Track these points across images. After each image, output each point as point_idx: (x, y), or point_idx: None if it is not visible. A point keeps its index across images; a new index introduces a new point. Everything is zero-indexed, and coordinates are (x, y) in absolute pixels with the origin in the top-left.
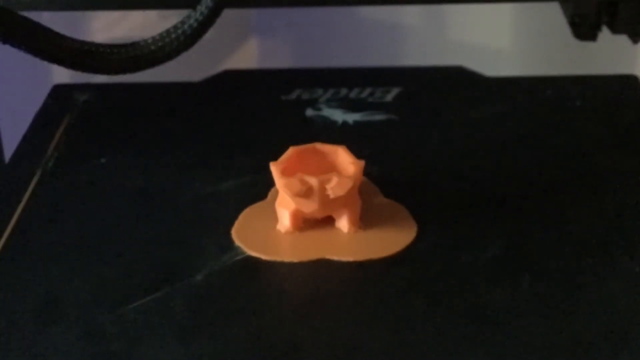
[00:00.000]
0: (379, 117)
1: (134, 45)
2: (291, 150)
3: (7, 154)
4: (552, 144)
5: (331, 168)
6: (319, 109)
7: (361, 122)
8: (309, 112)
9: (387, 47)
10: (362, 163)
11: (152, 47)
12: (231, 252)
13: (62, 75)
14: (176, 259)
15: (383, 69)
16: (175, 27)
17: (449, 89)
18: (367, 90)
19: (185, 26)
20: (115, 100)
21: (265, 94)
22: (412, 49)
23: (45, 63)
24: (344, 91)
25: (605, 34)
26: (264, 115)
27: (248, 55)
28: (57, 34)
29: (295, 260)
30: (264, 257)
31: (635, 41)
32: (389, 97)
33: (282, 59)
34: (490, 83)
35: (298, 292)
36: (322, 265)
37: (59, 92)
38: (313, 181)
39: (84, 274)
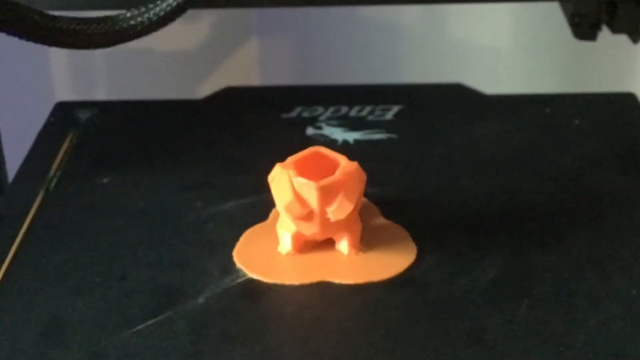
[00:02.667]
0: (379, 135)
1: (112, 19)
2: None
3: (11, 172)
4: (551, 163)
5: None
6: (320, 128)
7: (361, 140)
8: (310, 130)
9: (387, 61)
10: (364, 176)
11: (131, 22)
12: (233, 275)
13: (64, 92)
14: (179, 281)
15: (383, 86)
16: (154, 2)
17: (448, 108)
18: (367, 108)
19: (164, 4)
20: (118, 117)
21: (266, 112)
22: (411, 64)
23: (48, 80)
24: (344, 109)
25: (604, 48)
26: (265, 134)
27: (249, 70)
28: (34, 11)
29: (296, 283)
30: (265, 279)
31: (635, 41)
32: (389, 115)
33: (282, 74)
34: (488, 101)
35: (299, 315)
36: (323, 288)
37: (62, 110)
38: (314, 205)
39: (87, 297)
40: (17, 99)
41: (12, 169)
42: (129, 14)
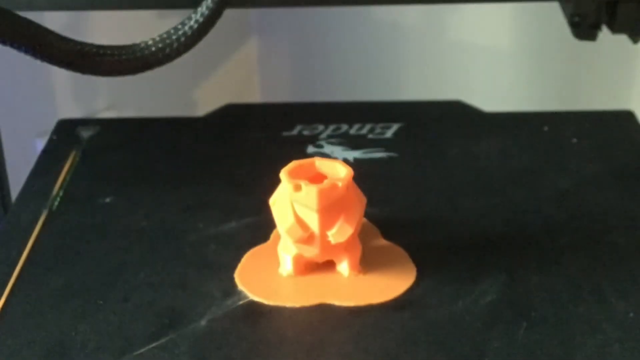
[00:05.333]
0: (379, 154)
1: (133, 47)
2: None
3: (14, 189)
4: (550, 183)
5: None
6: (320, 146)
7: (361, 159)
8: (310, 149)
9: (387, 77)
10: (364, 199)
11: (153, 49)
12: (234, 297)
13: (67, 108)
14: (181, 303)
15: (383, 103)
16: (175, 29)
17: (447, 126)
18: (368, 126)
19: (186, 27)
20: (120, 135)
21: (266, 130)
22: (411, 80)
23: (51, 96)
24: (344, 127)
25: (603, 64)
26: (265, 152)
27: (250, 87)
28: (57, 35)
29: (297, 305)
30: (266, 302)
31: (635, 41)
32: (389, 134)
33: (283, 77)
34: (487, 119)
35: (300, 338)
36: (324, 311)
37: (64, 128)
38: (314, 228)
39: (90, 320)
40: (20, 114)
41: (16, 188)
42: (150, 42)
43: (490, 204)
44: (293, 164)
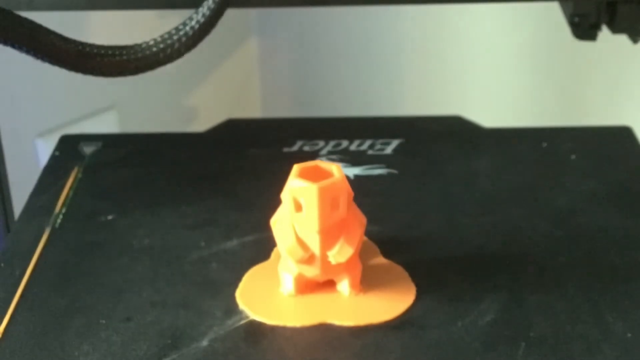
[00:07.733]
0: (378, 171)
1: (134, 47)
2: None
3: (14, 191)
4: (548, 200)
5: None
6: None
7: (362, 176)
8: None
9: (387, 91)
10: (364, 219)
11: (154, 49)
12: (236, 316)
13: (67, 108)
14: (183, 323)
15: (383, 119)
16: (176, 29)
17: (447, 142)
18: (368, 142)
19: (187, 27)
20: (122, 151)
21: (267, 146)
22: (411, 94)
23: (51, 96)
24: (344, 143)
25: (602, 78)
26: (266, 169)
27: (251, 102)
28: (58, 35)
29: (298, 325)
30: (267, 321)
31: (635, 41)
32: (389, 150)
33: (284, 106)
34: (487, 134)
35: (301, 358)
36: (324, 330)
37: (66, 143)
38: (315, 249)
39: (92, 340)
40: (20, 114)
41: (19, 205)
42: (151, 42)
43: (489, 221)
44: (298, 166)
